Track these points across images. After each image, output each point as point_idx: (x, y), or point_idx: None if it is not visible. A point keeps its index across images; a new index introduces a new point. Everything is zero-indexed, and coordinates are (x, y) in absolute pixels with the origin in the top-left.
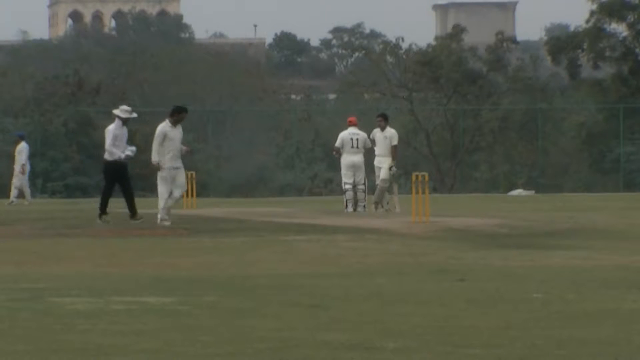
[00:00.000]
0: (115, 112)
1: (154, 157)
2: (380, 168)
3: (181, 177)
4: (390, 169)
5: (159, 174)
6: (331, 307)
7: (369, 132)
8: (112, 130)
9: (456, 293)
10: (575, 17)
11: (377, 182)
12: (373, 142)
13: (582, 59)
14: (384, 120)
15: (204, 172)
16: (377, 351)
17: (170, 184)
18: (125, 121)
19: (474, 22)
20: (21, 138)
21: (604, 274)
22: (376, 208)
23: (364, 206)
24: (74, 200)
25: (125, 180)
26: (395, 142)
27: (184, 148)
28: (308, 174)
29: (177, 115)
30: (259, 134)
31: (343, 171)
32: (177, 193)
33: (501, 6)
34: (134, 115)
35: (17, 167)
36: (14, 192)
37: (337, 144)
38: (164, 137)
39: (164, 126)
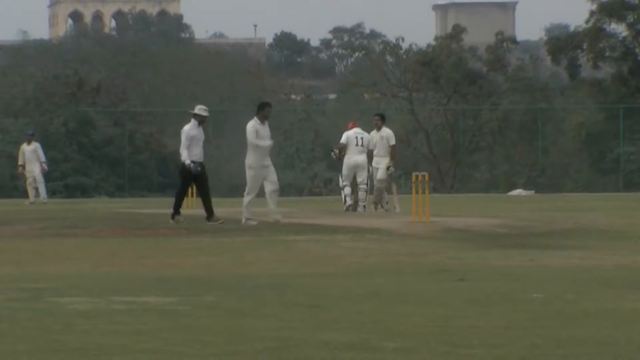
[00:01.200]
0: (193, 111)
1: (249, 159)
2: (377, 168)
3: (273, 174)
4: (387, 168)
5: (250, 173)
6: (331, 307)
7: (368, 133)
8: (187, 130)
9: (456, 293)
10: (575, 17)
11: (374, 182)
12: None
13: (582, 59)
14: (382, 120)
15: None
16: (377, 351)
17: (262, 182)
18: (201, 121)
19: (474, 22)
20: (32, 136)
21: (604, 274)
22: (375, 208)
23: (364, 206)
24: (74, 200)
25: (202, 181)
26: (393, 142)
27: (270, 143)
28: (308, 174)
29: (262, 111)
30: None
31: (344, 171)
32: (270, 188)
33: (501, 6)
34: (207, 114)
35: (42, 166)
36: (43, 190)
37: (343, 140)
38: (256, 134)
39: (253, 124)
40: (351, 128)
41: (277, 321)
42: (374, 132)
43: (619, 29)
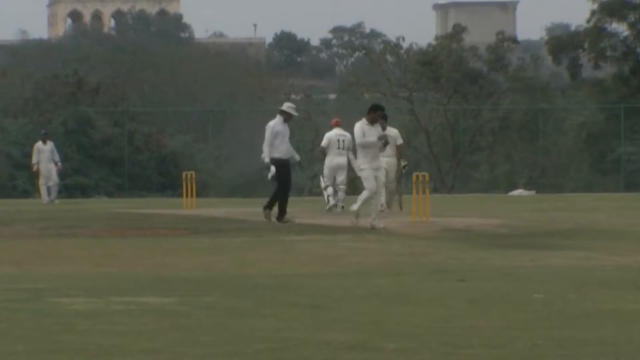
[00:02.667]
0: (282, 107)
1: (358, 162)
2: (386, 170)
3: (382, 177)
4: (404, 167)
5: (361, 174)
6: (331, 307)
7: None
8: (272, 126)
9: (456, 293)
10: (576, 16)
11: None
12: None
13: (582, 59)
14: (385, 120)
15: (204, 172)
16: (377, 351)
17: (375, 183)
18: (288, 118)
19: (475, 21)
20: (47, 135)
21: (605, 274)
22: (386, 209)
23: (342, 207)
24: (74, 200)
25: (285, 179)
26: (400, 142)
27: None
28: (308, 174)
29: (374, 113)
30: (259, 134)
31: (325, 172)
32: (380, 189)
33: (502, 6)
34: (297, 114)
35: (57, 166)
36: (56, 191)
37: (324, 143)
38: (363, 134)
39: (360, 125)
40: (334, 125)
41: (277, 321)
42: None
43: (620, 28)
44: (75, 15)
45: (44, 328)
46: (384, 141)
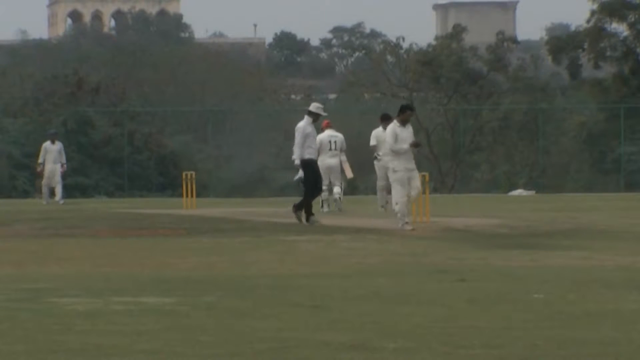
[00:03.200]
0: (310, 108)
1: (391, 165)
2: (388, 168)
3: (416, 179)
4: None
5: (393, 177)
6: (331, 308)
7: (368, 133)
8: (302, 128)
9: (456, 293)
10: (576, 16)
11: (380, 182)
12: (376, 143)
13: (582, 59)
14: (388, 120)
15: (204, 172)
16: (377, 351)
17: (407, 186)
18: (316, 119)
19: (475, 21)
20: (55, 135)
21: (605, 274)
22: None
23: (340, 197)
24: (74, 200)
25: (315, 179)
26: None
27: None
28: None
29: (403, 114)
30: (259, 134)
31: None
32: (413, 193)
33: (502, 6)
34: (325, 114)
35: (62, 166)
36: (61, 191)
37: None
38: (396, 137)
39: (392, 127)
40: (325, 127)
41: (277, 321)
42: (379, 131)
43: (620, 28)
44: (75, 15)
45: (43, 328)
46: (416, 144)
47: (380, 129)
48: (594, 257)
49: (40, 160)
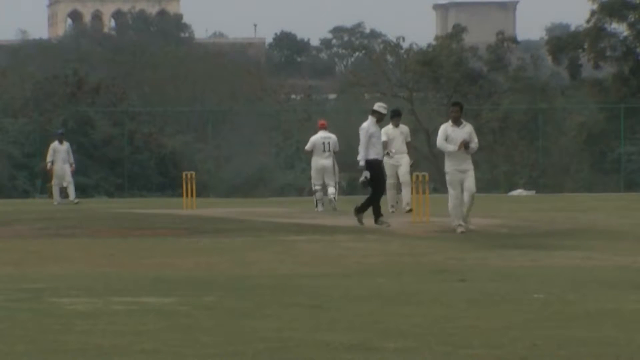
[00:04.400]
0: (375, 107)
1: (445, 164)
2: (399, 166)
3: (470, 179)
4: (411, 165)
5: (447, 178)
6: (331, 308)
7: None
8: (366, 128)
9: (456, 293)
10: (576, 16)
11: (390, 180)
12: (387, 140)
13: (582, 59)
14: (399, 117)
15: (204, 172)
16: (377, 351)
17: (458, 188)
18: (380, 118)
19: (475, 21)
20: (63, 135)
21: (605, 274)
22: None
23: (335, 197)
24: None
25: (381, 180)
26: (409, 139)
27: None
28: (308, 174)
29: (451, 110)
30: (259, 134)
31: (313, 174)
32: (466, 196)
33: (502, 6)
34: (386, 112)
35: (71, 166)
36: (73, 191)
37: (308, 147)
38: (446, 137)
39: (445, 127)
40: (320, 127)
41: (277, 321)
42: (391, 129)
43: (620, 28)
44: (75, 15)
45: (44, 328)
46: (465, 144)
47: (390, 125)
48: (594, 257)
49: (48, 159)
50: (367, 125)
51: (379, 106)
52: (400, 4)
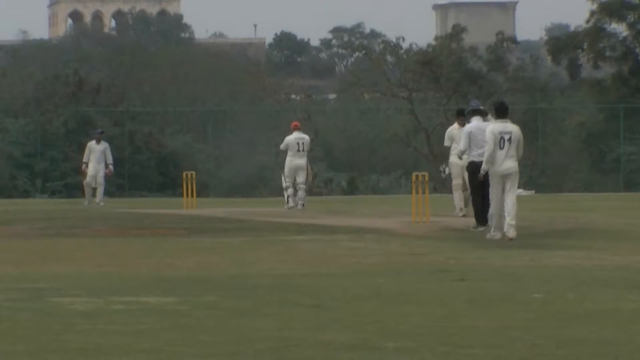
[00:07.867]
0: (473, 107)
1: (484, 166)
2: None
3: (513, 180)
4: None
5: (490, 181)
6: (331, 307)
7: (368, 132)
8: (471, 129)
9: (456, 293)
10: (576, 17)
11: (456, 180)
12: (451, 140)
13: (582, 59)
14: (464, 116)
15: (204, 172)
16: (377, 351)
17: (501, 194)
18: (483, 115)
19: (474, 22)
20: (102, 134)
21: (604, 274)
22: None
23: (303, 204)
24: (74, 200)
25: (481, 183)
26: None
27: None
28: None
29: (498, 111)
30: (259, 134)
31: (286, 172)
32: (509, 200)
33: (501, 6)
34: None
35: (109, 168)
36: (101, 192)
37: (282, 147)
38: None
39: (492, 128)
40: (294, 128)
41: (277, 321)
42: (454, 129)
43: (619, 28)
44: (75, 16)
45: (44, 328)
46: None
47: (455, 125)
48: (593, 257)
49: (84, 159)
50: (471, 126)
51: (477, 104)
52: (400, 4)
